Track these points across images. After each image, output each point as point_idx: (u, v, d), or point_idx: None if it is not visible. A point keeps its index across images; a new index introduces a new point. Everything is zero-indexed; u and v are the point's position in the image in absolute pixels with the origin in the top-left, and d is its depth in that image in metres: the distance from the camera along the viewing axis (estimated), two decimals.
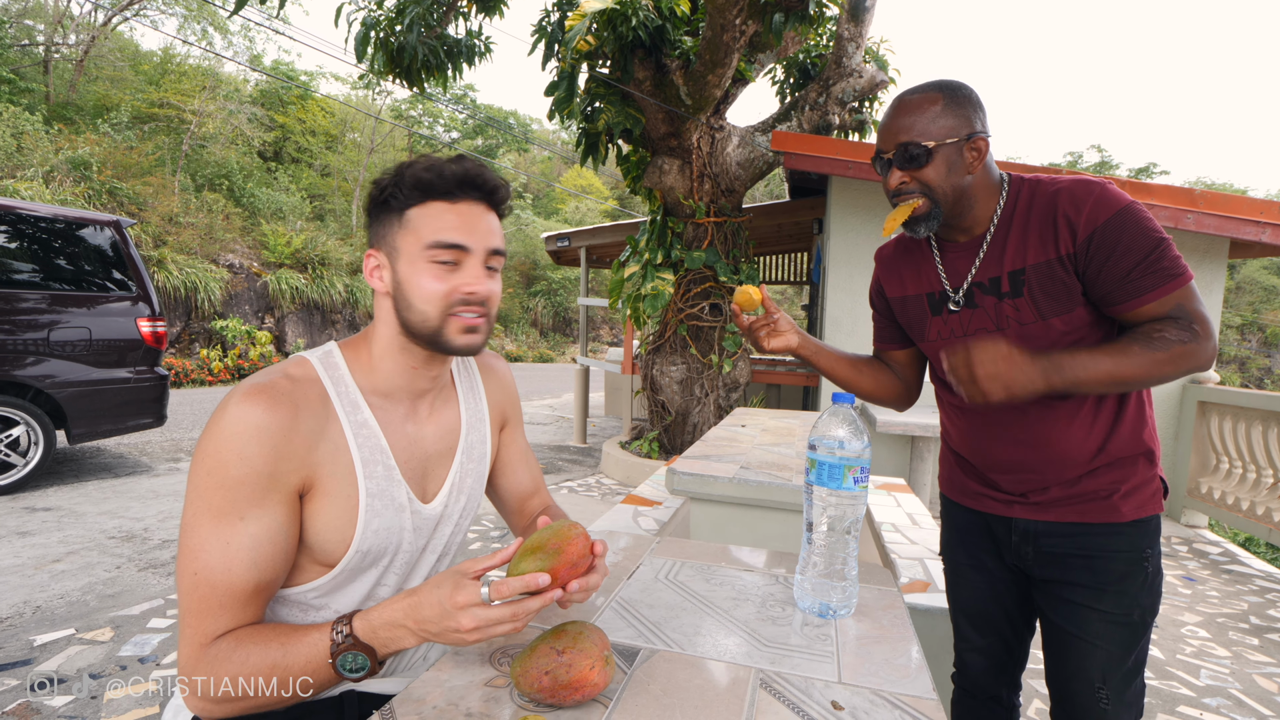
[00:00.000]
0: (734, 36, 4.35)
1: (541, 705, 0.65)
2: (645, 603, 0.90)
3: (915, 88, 1.05)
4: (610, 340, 23.92)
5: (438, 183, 0.80)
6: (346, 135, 20.18)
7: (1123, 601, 1.05)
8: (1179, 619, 2.87)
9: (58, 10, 14.53)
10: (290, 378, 0.80)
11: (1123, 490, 1.06)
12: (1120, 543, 1.06)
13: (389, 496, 0.84)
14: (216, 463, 0.72)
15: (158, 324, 4.57)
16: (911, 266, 1.19)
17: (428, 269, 0.80)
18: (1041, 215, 1.02)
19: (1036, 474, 1.09)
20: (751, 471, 1.83)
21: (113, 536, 3.44)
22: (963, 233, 1.09)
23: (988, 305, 1.07)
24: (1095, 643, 1.06)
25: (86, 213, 4.52)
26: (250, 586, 0.72)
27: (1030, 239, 1.02)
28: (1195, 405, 4.30)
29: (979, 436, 1.14)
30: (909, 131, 1.02)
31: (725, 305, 5.26)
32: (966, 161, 1.03)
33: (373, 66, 4.90)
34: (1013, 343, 1.00)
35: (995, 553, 1.19)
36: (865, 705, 0.67)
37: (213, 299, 11.77)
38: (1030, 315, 1.03)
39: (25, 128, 11.29)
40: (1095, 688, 1.06)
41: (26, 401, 4.09)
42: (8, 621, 2.47)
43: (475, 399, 1.00)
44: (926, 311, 1.16)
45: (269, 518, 0.74)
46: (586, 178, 28.31)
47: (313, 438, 0.78)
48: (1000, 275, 1.05)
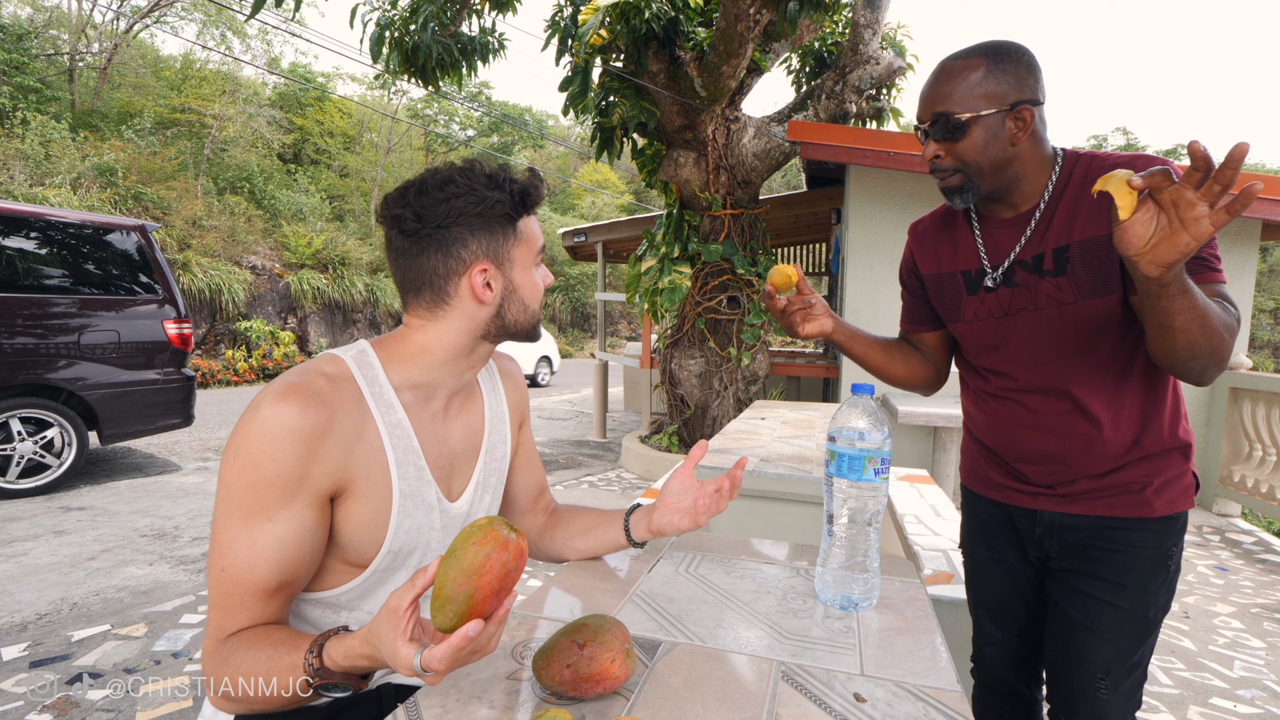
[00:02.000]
0: (748, 26, 4.31)
1: (563, 698, 0.65)
2: (666, 596, 0.90)
3: (960, 51, 0.99)
4: (628, 335, 23.94)
5: (531, 197, 0.86)
6: (364, 136, 20.36)
7: (1142, 599, 1.03)
8: (1211, 609, 2.81)
9: (81, 19, 14.81)
10: (326, 376, 0.79)
11: (1155, 484, 1.02)
12: (1147, 539, 1.03)
13: (420, 496, 0.85)
14: (248, 462, 0.72)
15: (184, 326, 4.66)
16: (948, 242, 1.14)
17: (536, 274, 0.89)
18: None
19: (1067, 466, 1.06)
20: (771, 464, 1.82)
21: (145, 535, 3.52)
22: (1009, 208, 1.05)
23: (1029, 284, 1.02)
24: (1105, 636, 1.04)
25: (113, 218, 4.61)
26: (272, 586, 0.73)
27: (1080, 214, 0.98)
28: (1227, 392, 4.20)
29: (1009, 425, 1.11)
30: (946, 101, 0.97)
31: (743, 298, 5.23)
32: (1009, 133, 0.97)
33: (388, 66, 4.94)
34: (1050, 323, 1.01)
35: (1017, 546, 1.16)
36: (888, 698, 0.66)
37: (237, 300, 11.97)
38: (1071, 295, 0.99)
39: (53, 136, 11.55)
40: (1097, 679, 1.05)
41: (59, 404, 4.20)
42: (46, 618, 2.54)
43: (497, 399, 1.01)
44: (962, 290, 1.11)
45: (296, 520, 0.74)
46: (602, 172, 28.29)
47: (348, 440, 0.78)
48: (1044, 252, 1.01)
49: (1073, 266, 0.98)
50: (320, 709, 0.86)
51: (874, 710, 0.64)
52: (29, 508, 3.91)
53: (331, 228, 16.33)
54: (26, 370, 3.99)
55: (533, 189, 0.86)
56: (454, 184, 0.81)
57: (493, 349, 0.91)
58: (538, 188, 0.87)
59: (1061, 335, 1.02)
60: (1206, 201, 0.68)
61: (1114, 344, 1.00)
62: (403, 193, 0.83)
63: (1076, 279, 0.98)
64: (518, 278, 0.86)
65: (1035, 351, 1.05)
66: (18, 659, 2.23)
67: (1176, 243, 0.71)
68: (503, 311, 0.86)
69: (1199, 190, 0.68)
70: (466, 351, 0.88)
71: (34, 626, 2.47)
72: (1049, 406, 1.06)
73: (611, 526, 1.02)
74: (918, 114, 1.02)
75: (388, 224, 0.84)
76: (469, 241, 0.82)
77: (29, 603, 2.66)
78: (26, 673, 2.15)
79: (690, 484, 0.98)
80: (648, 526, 0.98)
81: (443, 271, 0.82)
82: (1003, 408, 1.11)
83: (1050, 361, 1.04)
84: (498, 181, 0.83)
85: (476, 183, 0.81)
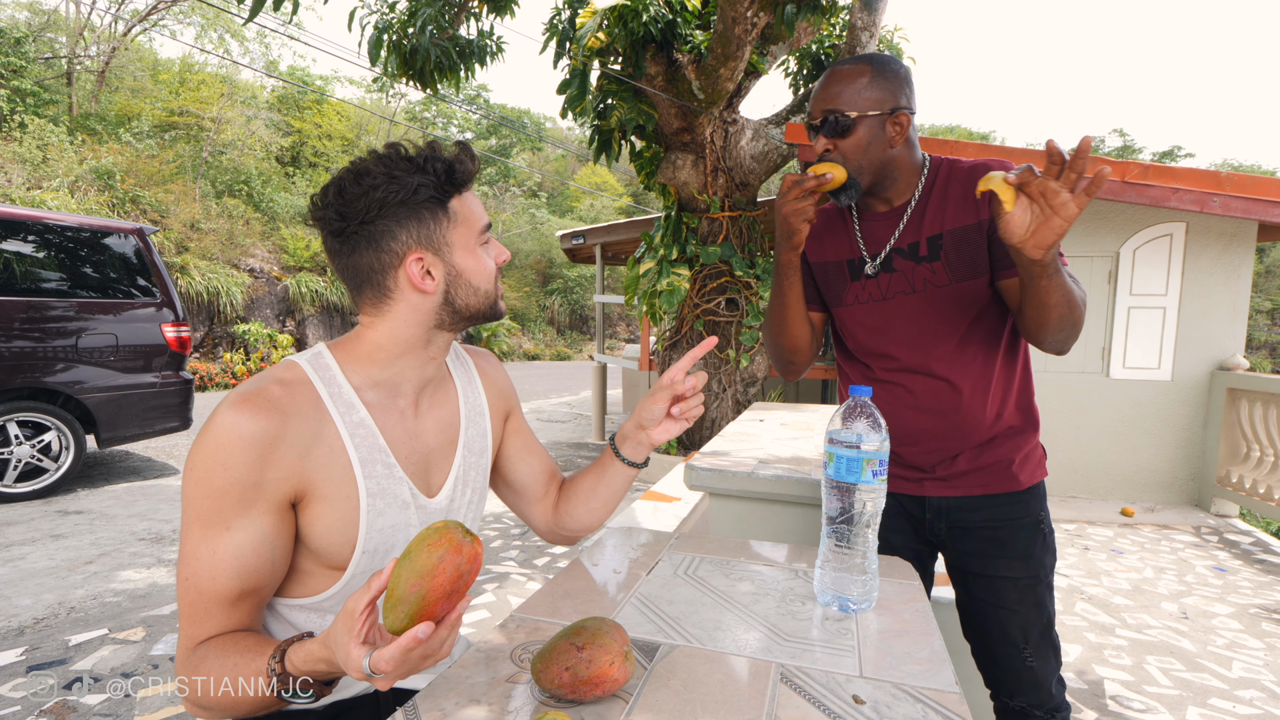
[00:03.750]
0: (746, 29, 4.32)
1: (563, 701, 0.65)
2: (665, 598, 0.90)
3: (847, 59, 1.10)
4: (627, 337, 23.95)
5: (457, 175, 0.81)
6: (362, 139, 20.36)
7: (1030, 565, 1.15)
8: (1210, 610, 2.82)
9: (79, 22, 14.80)
10: (282, 383, 0.77)
11: (1018, 460, 1.16)
12: (1020, 510, 1.16)
13: (391, 495, 0.83)
14: (204, 472, 0.72)
15: (182, 329, 4.65)
16: (832, 233, 1.23)
17: (481, 253, 0.84)
18: (961, 187, 1.11)
19: (945, 443, 1.16)
20: (770, 466, 1.82)
21: (142, 539, 3.51)
22: (883, 203, 1.16)
23: (906, 269, 1.14)
24: (1014, 609, 1.15)
25: (111, 221, 4.61)
26: (235, 594, 0.72)
27: (949, 207, 1.11)
28: (1225, 392, 4.21)
29: (892, 407, 1.18)
30: (835, 100, 1.07)
31: (741, 300, 5.24)
32: (889, 135, 1.08)
33: (386, 70, 4.94)
34: (926, 305, 1.13)
35: (909, 532, 1.24)
36: (887, 699, 0.66)
37: (235, 303, 11.96)
38: (944, 278, 1.11)
39: (50, 139, 11.54)
40: (1020, 648, 1.15)
41: (57, 407, 4.19)
42: (43, 622, 2.53)
43: (473, 392, 0.99)
44: (846, 276, 1.21)
45: (254, 527, 0.73)
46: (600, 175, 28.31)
47: (304, 444, 0.76)
48: (919, 240, 1.13)
49: (946, 252, 1.11)
50: (316, 714, 0.86)
51: (873, 712, 0.64)
52: (26, 511, 3.90)
53: None
54: (24, 374, 3.98)
55: (459, 165, 0.81)
56: (370, 175, 0.77)
57: (452, 337, 0.89)
58: (465, 163, 0.81)
59: (936, 316, 1.13)
60: (1067, 188, 0.81)
61: (979, 323, 1.13)
62: (324, 192, 0.80)
63: (950, 263, 1.11)
64: (460, 261, 0.82)
65: (914, 333, 1.15)
66: (15, 663, 2.22)
67: (1051, 226, 0.84)
68: (450, 298, 0.83)
69: (1059, 180, 0.81)
70: (422, 343, 0.85)
71: (31, 631, 2.46)
72: (926, 385, 1.15)
73: (608, 468, 1.01)
74: (809, 113, 1.12)
75: (317, 226, 0.81)
76: (398, 232, 0.78)
77: (26, 607, 2.65)
78: (24, 677, 2.14)
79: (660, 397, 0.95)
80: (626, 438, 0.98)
81: (378, 267, 0.80)
82: (885, 391, 1.19)
83: (926, 341, 1.15)
84: (419, 164, 0.78)
85: (396, 169, 0.77)
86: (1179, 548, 3.65)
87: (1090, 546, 3.65)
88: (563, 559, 3.36)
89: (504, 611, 2.68)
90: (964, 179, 1.11)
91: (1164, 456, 4.45)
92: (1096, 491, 4.55)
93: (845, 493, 0.87)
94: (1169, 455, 4.45)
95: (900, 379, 1.17)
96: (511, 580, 3.05)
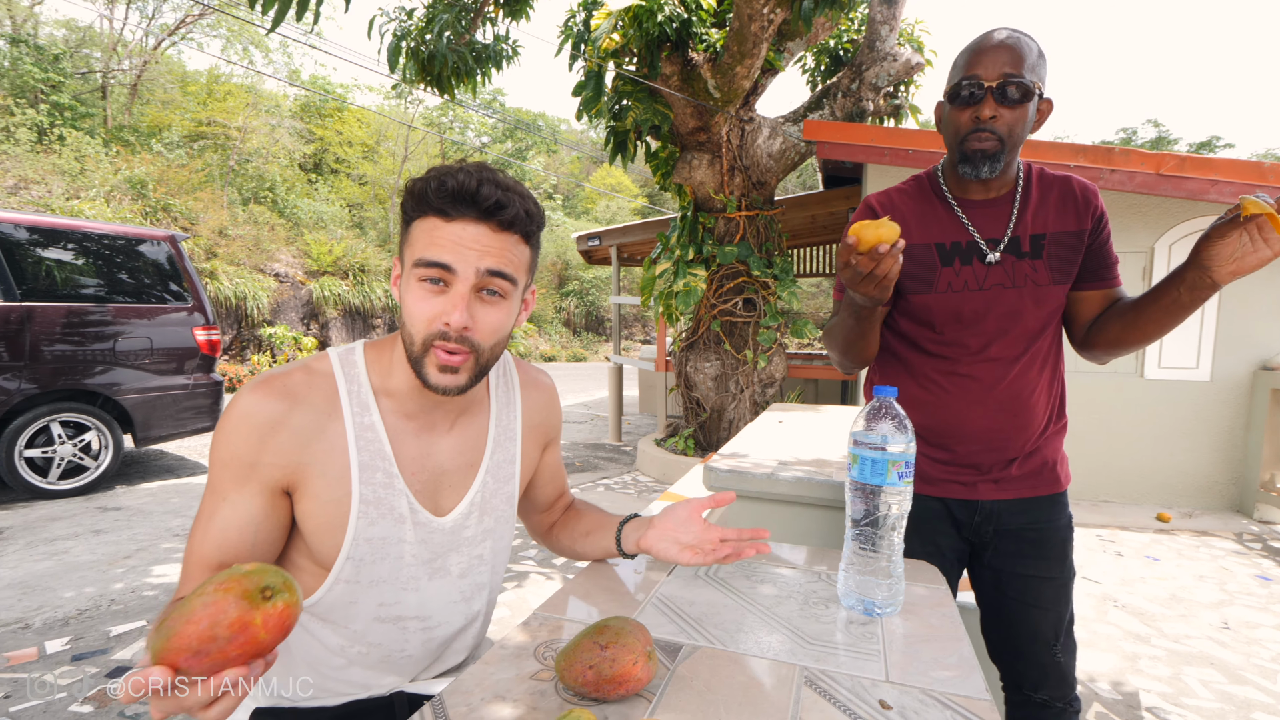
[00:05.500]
0: (762, 26, 4.30)
1: (586, 699, 0.65)
2: (686, 599, 0.90)
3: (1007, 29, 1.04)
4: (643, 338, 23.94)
5: (431, 196, 0.73)
6: (381, 145, 20.63)
7: (1064, 566, 1.17)
8: (1254, 620, 2.73)
9: (112, 38, 15.20)
10: (307, 370, 0.80)
11: (1055, 461, 1.18)
12: (1058, 511, 1.18)
13: (387, 505, 0.80)
14: (214, 444, 0.76)
15: (212, 333, 4.77)
16: (917, 215, 1.16)
17: (416, 288, 0.75)
18: (1059, 193, 1.12)
19: (1006, 443, 1.15)
20: (790, 468, 1.81)
21: (177, 534, 3.60)
22: (985, 190, 1.13)
23: (1007, 263, 1.12)
24: (1049, 608, 1.16)
25: (145, 229, 4.74)
26: (213, 562, 0.74)
27: (1049, 210, 1.11)
28: (1269, 394, 4.08)
29: (957, 403, 1.16)
30: (1018, 66, 1.00)
31: (759, 300, 5.21)
32: (1036, 118, 1.07)
33: (405, 76, 5.00)
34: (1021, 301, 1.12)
35: (952, 536, 1.22)
36: (915, 705, 0.66)
37: (261, 307, 12.18)
38: (1045, 278, 1.11)
39: (87, 151, 11.86)
40: (1051, 646, 1.16)
41: (96, 408, 4.34)
42: (86, 614, 2.62)
43: (509, 415, 0.94)
44: (935, 261, 1.14)
45: (244, 504, 0.75)
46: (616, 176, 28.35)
47: (305, 436, 0.76)
48: (1022, 236, 1.12)
49: (1048, 253, 1.11)
50: (329, 711, 0.87)
51: (900, 718, 0.63)
52: (69, 508, 4.03)
53: (351, 235, 16.57)
54: (65, 376, 4.13)
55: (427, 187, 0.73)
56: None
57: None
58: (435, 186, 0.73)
59: (1026, 313, 1.12)
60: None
61: (1050, 325, 1.14)
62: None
63: (1051, 265, 1.11)
64: (403, 283, 0.78)
65: (1002, 327, 1.13)
66: (61, 652, 2.31)
67: (1257, 257, 0.86)
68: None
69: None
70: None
71: (75, 622, 2.54)
72: (1002, 383, 1.14)
73: (607, 533, 0.98)
74: (977, 70, 1.02)
75: None
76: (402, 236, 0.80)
77: (70, 599, 2.74)
78: (69, 665, 2.22)
79: (697, 520, 0.90)
80: (638, 541, 0.92)
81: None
82: (955, 385, 1.16)
83: (1012, 337, 1.13)
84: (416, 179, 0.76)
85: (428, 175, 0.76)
86: (1219, 555, 3.54)
87: (1124, 553, 3.56)
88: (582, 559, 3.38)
89: (523, 610, 2.70)
90: (1060, 186, 1.12)
91: (1202, 460, 4.33)
92: (1130, 496, 4.44)
93: (870, 495, 0.86)
94: (1208, 459, 4.32)
95: (977, 373, 1.14)
96: (531, 579, 3.06)
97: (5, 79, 12.35)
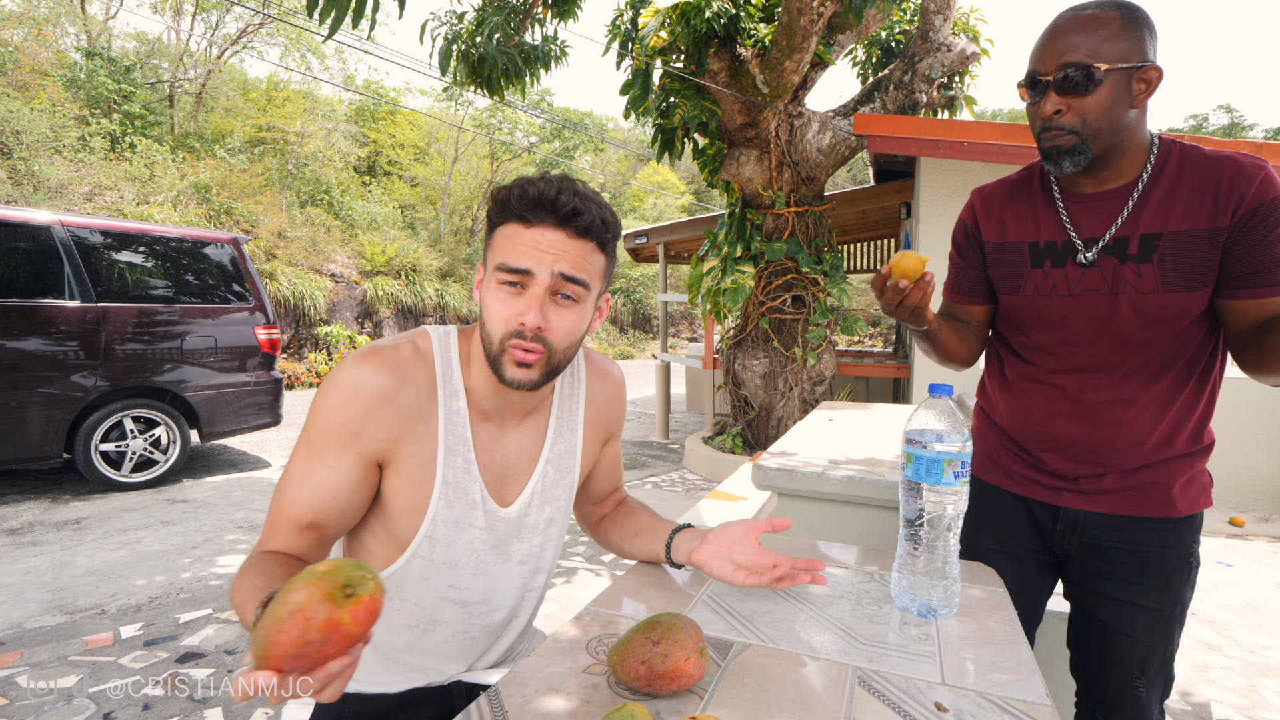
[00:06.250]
0: (811, 19, 4.24)
1: (638, 694, 0.66)
2: (737, 597, 0.90)
3: (1087, 2, 0.93)
4: (690, 336, 23.88)
5: (513, 203, 0.78)
6: (432, 146, 21.10)
7: (1168, 597, 1.04)
8: None
9: (179, 49, 15.98)
10: (414, 347, 0.84)
11: (1179, 484, 1.03)
12: (1171, 538, 1.04)
13: (464, 489, 0.84)
14: (318, 407, 0.78)
15: (272, 332, 4.97)
16: (1016, 211, 1.09)
17: (496, 291, 0.79)
18: (1197, 182, 0.94)
19: (1095, 457, 1.04)
20: (841, 467, 1.79)
21: (240, 527, 3.77)
22: (1096, 182, 1.00)
23: (1106, 267, 0.99)
24: (1138, 638, 1.05)
25: (209, 232, 4.97)
26: (304, 521, 0.76)
27: (1177, 204, 0.95)
28: None
29: (1044, 412, 1.08)
30: (1077, 51, 0.90)
31: (808, 297, 5.14)
32: (1134, 94, 0.92)
33: (456, 79, 5.10)
34: (1119, 311, 0.98)
35: (1032, 541, 1.13)
36: (972, 709, 0.64)
37: (318, 307, 12.63)
38: (1151, 285, 0.96)
39: (155, 158, 12.51)
40: (1134, 678, 1.06)
41: (165, 404, 4.56)
42: (157, 601, 2.77)
43: (572, 406, 0.96)
44: (1026, 261, 1.06)
45: (341, 470, 0.77)
46: (662, 174, 28.32)
47: (408, 414, 0.80)
48: (1130, 236, 0.97)
49: (1161, 256, 0.95)
50: (390, 699, 0.90)
51: None
52: (140, 500, 4.26)
53: (403, 236, 17.02)
54: (137, 373, 4.35)
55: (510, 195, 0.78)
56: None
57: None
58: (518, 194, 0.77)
59: (1124, 323, 0.99)
60: None
61: (1177, 340, 0.99)
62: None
63: (1162, 270, 0.95)
64: (484, 285, 0.82)
65: (1093, 336, 1.02)
66: (134, 637, 2.44)
67: None
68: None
69: None
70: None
71: (147, 609, 2.69)
72: (1090, 394, 1.03)
73: (657, 538, 0.97)
74: (1035, 64, 0.95)
75: None
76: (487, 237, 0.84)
77: (141, 587, 2.90)
78: (142, 650, 2.35)
79: (752, 541, 0.88)
80: (690, 554, 0.91)
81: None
82: (1039, 392, 1.09)
83: (1105, 348, 1.01)
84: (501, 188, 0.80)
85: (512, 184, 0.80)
86: None
87: None
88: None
89: (571, 606, 2.73)
90: (1203, 170, 0.94)
91: (1278, 463, 4.09)
92: None
93: (924, 495, 0.84)
94: None
95: (1062, 381, 1.05)
96: (579, 575, 3.10)
97: (82, 90, 13.11)
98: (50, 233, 4.09)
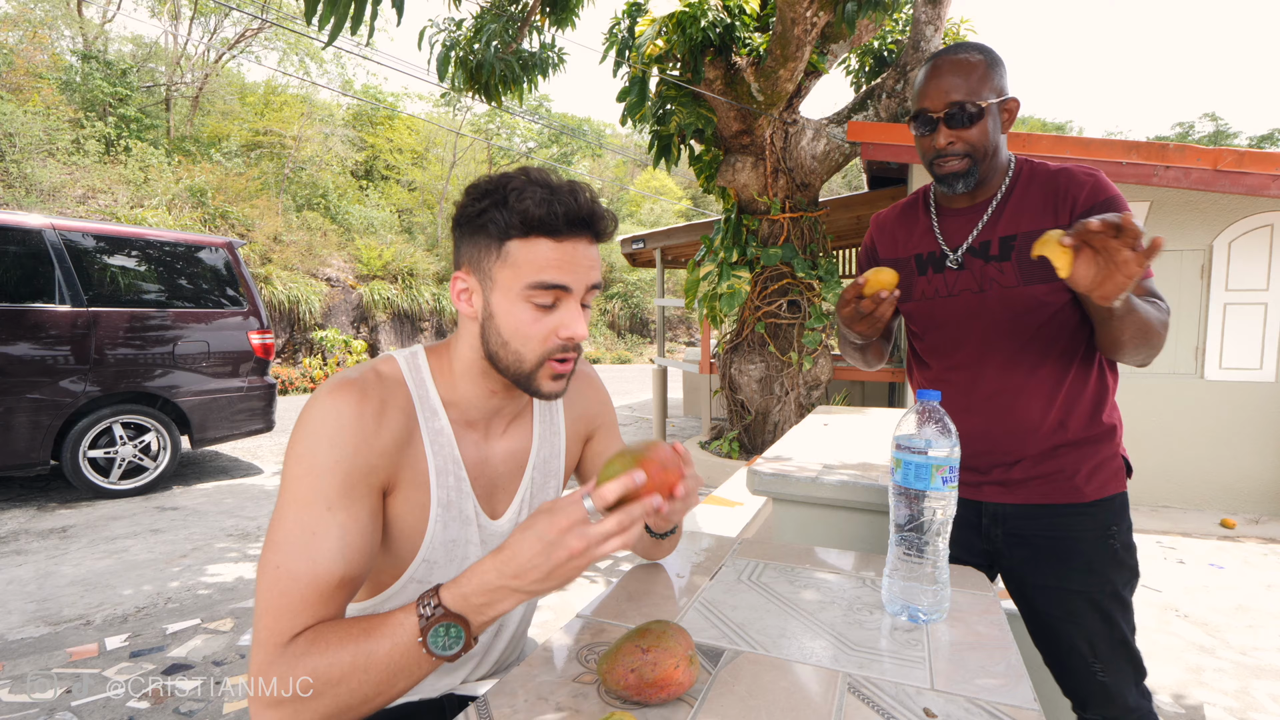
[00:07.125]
0: (805, 29, 4.26)
1: (628, 702, 0.66)
2: (728, 604, 0.90)
3: (954, 47, 1.10)
4: (687, 340, 23.89)
5: (548, 219, 0.73)
6: (430, 151, 21.13)
7: (1092, 580, 1.11)
8: None
9: (176, 52, 15.97)
10: (379, 374, 0.79)
11: (1085, 470, 1.12)
12: (1085, 523, 1.12)
13: (458, 508, 0.83)
14: (306, 451, 0.70)
15: (266, 336, 4.94)
16: (905, 229, 1.24)
17: (525, 308, 0.75)
18: (1042, 190, 1.10)
19: (1000, 447, 1.14)
20: (835, 471, 1.79)
21: (231, 535, 3.74)
22: (969, 198, 1.16)
23: (974, 268, 1.13)
24: (1077, 621, 1.12)
25: (203, 236, 4.95)
26: (336, 579, 0.67)
27: (1026, 209, 1.10)
28: None
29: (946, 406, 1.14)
30: (959, 91, 1.06)
31: (804, 302, 5.15)
32: (1001, 121, 1.09)
33: (454, 85, 5.11)
34: (989, 305, 1.12)
35: (968, 539, 1.20)
36: (960, 714, 0.64)
37: (313, 311, 12.60)
38: (1013, 279, 1.10)
39: (150, 161, 12.49)
40: (1089, 662, 1.12)
41: (156, 410, 4.52)
42: (144, 611, 2.73)
43: (551, 412, 0.95)
44: (914, 271, 1.21)
45: (357, 508, 0.71)
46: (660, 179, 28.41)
47: (398, 437, 0.77)
48: (991, 239, 1.12)
49: (1018, 254, 1.09)
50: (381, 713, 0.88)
51: None
52: (129, 507, 4.21)
53: (400, 240, 17.02)
54: (127, 379, 4.31)
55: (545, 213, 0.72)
56: (475, 189, 0.78)
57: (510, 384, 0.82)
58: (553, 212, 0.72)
59: (998, 317, 1.12)
60: (1128, 247, 0.80)
61: (1048, 328, 1.10)
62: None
63: (1020, 265, 1.09)
64: (496, 301, 0.76)
65: (973, 332, 1.14)
66: (120, 649, 2.41)
67: (1115, 282, 0.83)
68: (485, 334, 0.79)
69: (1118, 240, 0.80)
70: (480, 371, 0.82)
71: (133, 619, 2.66)
72: (981, 387, 1.15)
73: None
74: (924, 104, 1.09)
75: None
76: (462, 246, 0.79)
77: (128, 597, 2.87)
78: (128, 661, 2.31)
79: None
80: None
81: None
82: (940, 389, 1.19)
83: (985, 342, 1.14)
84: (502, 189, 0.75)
85: (477, 191, 0.77)
86: None
87: (1186, 560, 3.39)
88: (625, 563, 3.38)
89: (565, 613, 2.72)
90: (1045, 181, 1.10)
91: (1269, 464, 4.11)
92: (1191, 502, 4.23)
93: (914, 500, 0.84)
94: (1275, 463, 4.10)
95: (954, 378, 1.18)
96: (576, 582, 3.09)
97: (77, 93, 13.09)
98: (41, 236, 4.06)
